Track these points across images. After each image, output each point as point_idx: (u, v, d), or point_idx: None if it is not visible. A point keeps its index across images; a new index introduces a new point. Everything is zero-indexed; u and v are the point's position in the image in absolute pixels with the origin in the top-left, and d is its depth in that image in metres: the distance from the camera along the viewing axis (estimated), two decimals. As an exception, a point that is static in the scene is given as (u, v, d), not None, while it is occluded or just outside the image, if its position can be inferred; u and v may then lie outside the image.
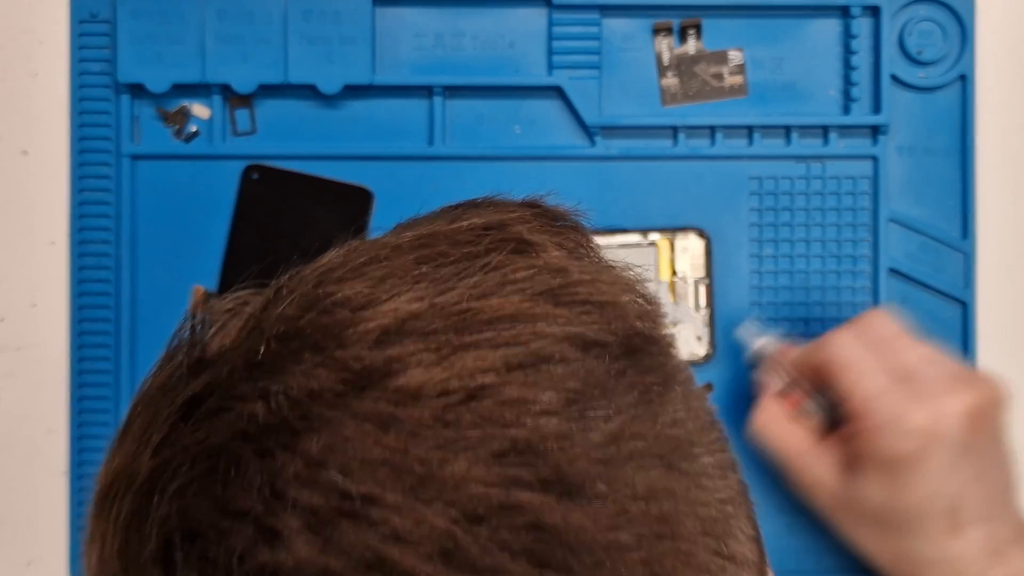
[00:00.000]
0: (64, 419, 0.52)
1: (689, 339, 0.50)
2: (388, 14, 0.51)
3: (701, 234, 0.50)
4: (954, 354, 0.52)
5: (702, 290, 0.50)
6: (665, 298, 0.50)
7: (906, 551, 0.44)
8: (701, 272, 0.50)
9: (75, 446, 0.51)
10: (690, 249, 0.50)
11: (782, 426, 0.48)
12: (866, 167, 0.52)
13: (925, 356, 0.45)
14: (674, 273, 0.50)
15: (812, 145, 0.52)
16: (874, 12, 0.52)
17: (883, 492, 0.44)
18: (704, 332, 0.50)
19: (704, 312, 0.50)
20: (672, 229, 0.51)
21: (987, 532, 0.43)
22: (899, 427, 0.43)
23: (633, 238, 0.50)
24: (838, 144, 0.52)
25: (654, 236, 0.50)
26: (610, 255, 0.49)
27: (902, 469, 0.43)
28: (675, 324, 0.50)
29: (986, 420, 0.44)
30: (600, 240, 0.50)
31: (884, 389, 0.44)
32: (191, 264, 0.51)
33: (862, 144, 0.52)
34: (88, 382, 0.51)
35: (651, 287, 0.49)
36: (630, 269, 0.31)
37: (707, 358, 0.51)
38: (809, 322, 0.52)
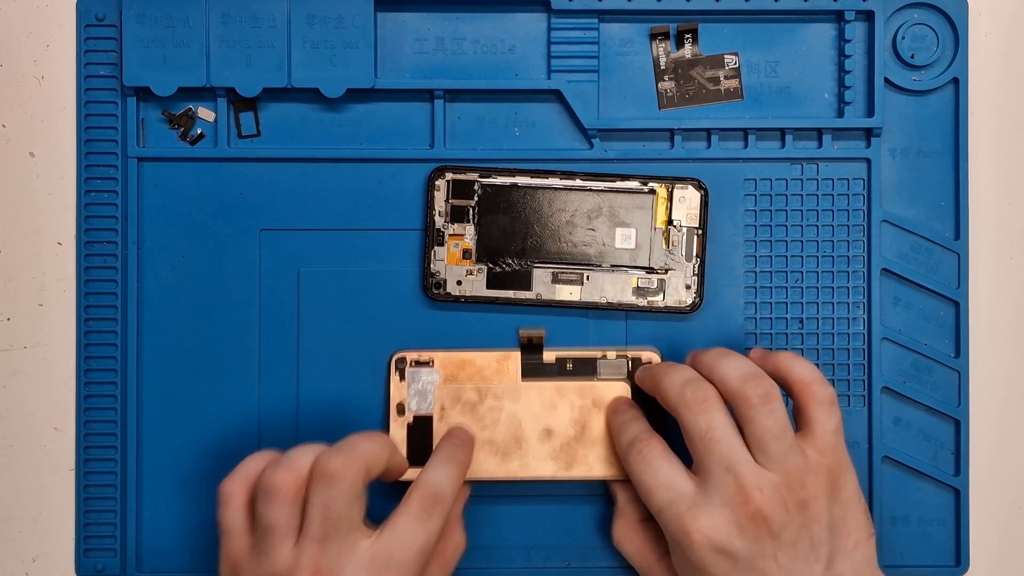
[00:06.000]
0: (71, 417, 0.52)
1: (678, 287, 0.51)
2: (390, 19, 0.52)
3: (699, 186, 0.51)
4: (947, 354, 0.53)
5: (695, 240, 0.51)
6: (659, 244, 0.51)
7: None
8: (696, 222, 0.51)
9: (81, 443, 0.52)
10: (687, 199, 0.51)
11: (630, 535, 0.49)
12: (860, 169, 0.53)
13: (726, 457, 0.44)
14: (670, 221, 0.51)
15: (806, 147, 0.52)
16: (868, 16, 0.52)
17: None
18: (693, 281, 0.51)
19: (695, 262, 0.51)
20: (672, 178, 0.51)
21: None
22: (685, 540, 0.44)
23: (633, 184, 0.51)
24: (832, 146, 0.52)
25: (653, 184, 0.51)
26: (610, 198, 0.50)
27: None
28: (666, 271, 0.51)
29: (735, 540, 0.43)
30: (600, 184, 0.51)
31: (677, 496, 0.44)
32: (196, 264, 0.52)
33: (856, 146, 0.53)
34: (94, 380, 0.52)
35: (646, 233, 0.51)
36: None
37: (694, 307, 0.51)
38: (804, 321, 0.52)
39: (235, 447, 0.52)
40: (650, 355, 0.51)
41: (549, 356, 0.51)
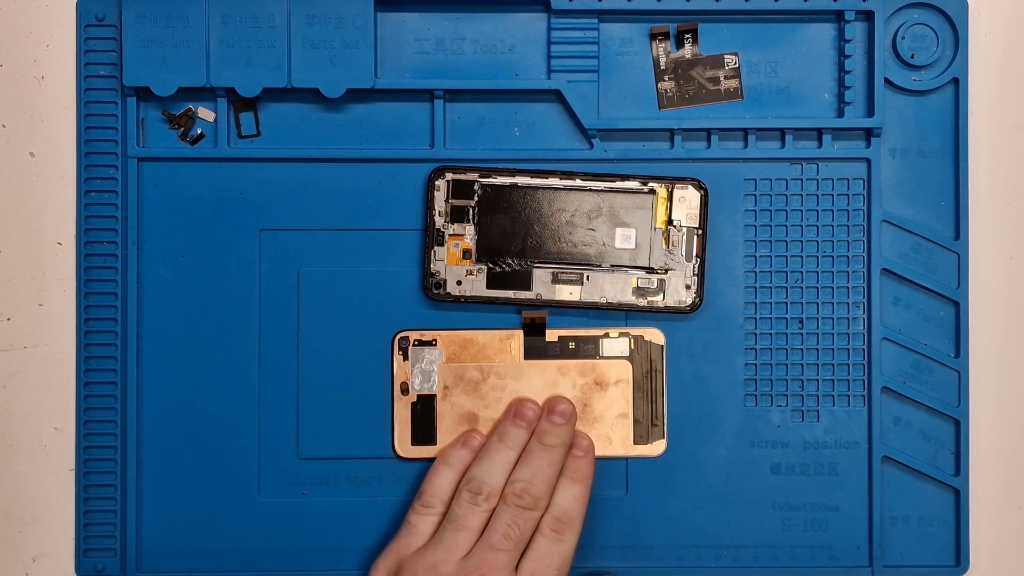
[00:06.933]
0: (71, 417, 0.52)
1: (678, 287, 0.51)
2: (390, 19, 0.52)
3: (699, 186, 0.51)
4: (947, 354, 0.53)
5: (695, 240, 0.51)
6: (659, 244, 0.51)
7: None
8: (696, 222, 0.51)
9: (81, 443, 0.52)
10: (687, 199, 0.51)
11: None
12: (860, 169, 0.53)
13: None
14: (670, 221, 0.51)
15: (806, 147, 0.52)
16: (868, 16, 0.52)
17: None
18: (693, 281, 0.51)
19: (695, 262, 0.51)
20: (672, 178, 0.51)
21: None
22: None
23: (633, 184, 0.51)
24: (832, 146, 0.52)
25: (653, 184, 0.51)
26: (609, 198, 0.50)
27: None
28: (666, 271, 0.51)
29: None
30: (600, 184, 0.51)
31: None
32: (196, 264, 0.52)
33: (856, 146, 0.53)
34: (94, 380, 0.52)
35: (646, 233, 0.51)
36: None
37: (694, 307, 0.51)
38: (803, 321, 0.52)
39: (235, 447, 0.52)
40: (653, 334, 0.51)
41: (551, 335, 0.51)
